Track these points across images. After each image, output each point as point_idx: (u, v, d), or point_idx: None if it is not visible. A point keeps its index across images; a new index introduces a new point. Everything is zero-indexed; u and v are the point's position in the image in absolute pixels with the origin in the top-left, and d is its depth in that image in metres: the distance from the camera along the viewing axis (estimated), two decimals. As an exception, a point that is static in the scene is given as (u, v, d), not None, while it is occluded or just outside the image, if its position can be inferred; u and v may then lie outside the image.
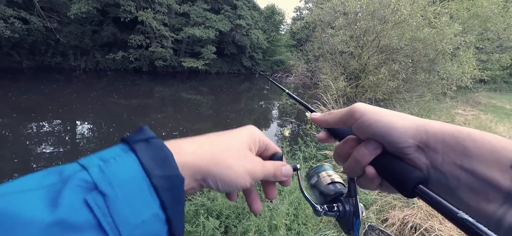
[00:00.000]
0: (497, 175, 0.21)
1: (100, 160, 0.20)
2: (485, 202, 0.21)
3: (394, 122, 0.27)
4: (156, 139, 0.23)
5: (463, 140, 0.23)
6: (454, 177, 0.23)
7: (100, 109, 7.79)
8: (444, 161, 0.24)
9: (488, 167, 0.21)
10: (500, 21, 6.94)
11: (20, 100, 7.47)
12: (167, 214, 0.20)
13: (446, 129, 0.25)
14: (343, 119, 0.31)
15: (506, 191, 0.20)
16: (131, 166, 0.20)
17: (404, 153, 0.26)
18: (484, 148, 0.22)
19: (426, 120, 0.27)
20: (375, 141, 0.28)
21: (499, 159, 0.21)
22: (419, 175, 0.24)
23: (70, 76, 12.91)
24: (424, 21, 5.61)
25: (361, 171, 0.30)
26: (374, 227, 1.42)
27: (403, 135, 0.26)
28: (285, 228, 1.88)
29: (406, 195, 0.25)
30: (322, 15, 7.66)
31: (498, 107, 11.18)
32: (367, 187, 0.31)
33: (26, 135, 5.23)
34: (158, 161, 0.21)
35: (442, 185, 0.24)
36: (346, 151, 0.32)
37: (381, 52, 6.55)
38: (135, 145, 0.22)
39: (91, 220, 0.17)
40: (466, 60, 6.19)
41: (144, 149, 0.21)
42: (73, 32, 14.04)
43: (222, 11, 19.17)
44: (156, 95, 10.93)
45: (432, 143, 0.25)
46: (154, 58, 16.25)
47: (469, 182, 0.22)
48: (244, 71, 23.52)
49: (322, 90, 6.57)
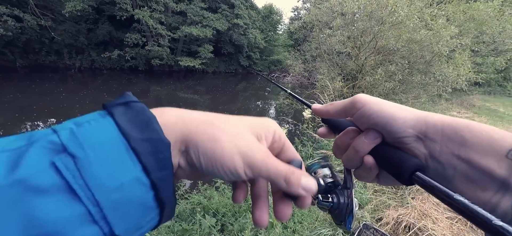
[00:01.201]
0: (492, 163, 0.21)
1: (74, 124, 0.18)
2: (480, 190, 0.22)
3: (395, 112, 0.27)
4: (137, 103, 0.21)
5: (461, 130, 0.23)
6: (451, 166, 0.24)
7: (95, 108, 7.64)
8: (442, 151, 0.24)
9: (484, 156, 0.22)
10: (495, 24, 7.05)
11: (14, 99, 7.34)
12: (151, 178, 0.18)
13: (446, 120, 0.25)
14: (346, 109, 0.31)
15: (501, 179, 0.21)
16: (106, 128, 0.18)
17: (404, 142, 0.26)
18: (481, 138, 0.22)
19: (427, 112, 0.27)
20: (375, 131, 0.28)
21: (495, 148, 0.21)
22: (416, 162, 0.25)
23: (65, 75, 12.75)
24: (421, 23, 5.66)
25: (360, 161, 0.30)
26: (368, 226, 1.42)
27: (403, 125, 0.26)
28: (281, 226, 1.88)
29: (403, 182, 0.25)
30: (320, 15, 7.68)
31: (491, 110, 11.35)
32: (365, 178, 0.31)
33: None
34: (139, 123, 0.19)
35: (439, 175, 0.24)
36: (346, 142, 0.32)
37: (378, 53, 6.59)
38: (113, 108, 0.20)
39: (59, 182, 0.16)
40: (462, 63, 6.27)
41: (123, 112, 0.20)
42: (68, 31, 13.86)
43: (220, 10, 19.13)
44: (153, 94, 10.86)
45: (431, 133, 0.25)
46: (151, 57, 16.14)
47: (465, 171, 0.23)
48: (241, 70, 23.51)
49: (319, 90, 6.59)
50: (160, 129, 0.20)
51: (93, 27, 15.08)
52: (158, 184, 0.19)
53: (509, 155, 0.21)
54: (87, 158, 0.17)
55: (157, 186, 0.19)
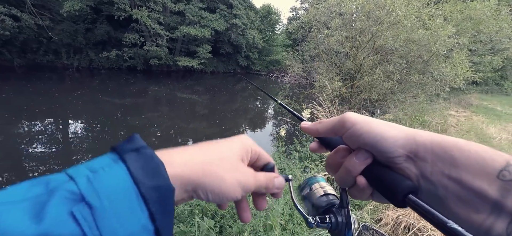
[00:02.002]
0: (484, 184, 0.21)
1: (89, 170, 0.19)
2: (474, 212, 0.21)
3: (384, 132, 0.27)
4: (146, 149, 0.22)
5: (450, 149, 0.23)
6: (443, 186, 0.23)
7: (93, 108, 7.66)
8: (433, 170, 0.24)
9: (475, 177, 0.21)
10: (492, 24, 7.09)
11: (11, 99, 7.29)
12: (156, 225, 0.20)
13: (434, 138, 0.25)
14: (334, 128, 0.31)
15: (494, 200, 0.20)
16: (120, 176, 0.20)
17: (394, 162, 0.26)
18: (470, 158, 0.22)
19: (416, 130, 0.26)
20: (365, 151, 0.28)
21: (486, 168, 0.21)
22: (409, 184, 0.24)
23: (63, 75, 12.68)
24: (419, 22, 5.68)
25: (353, 181, 0.30)
26: (368, 226, 1.42)
27: (393, 144, 0.26)
28: (280, 228, 1.88)
29: (396, 205, 0.25)
30: (318, 16, 7.69)
31: (489, 108, 11.42)
32: (359, 197, 0.31)
33: (17, 134, 5.11)
34: (148, 170, 0.21)
35: (431, 195, 0.24)
36: (337, 160, 0.32)
37: (376, 53, 6.61)
38: (125, 154, 0.21)
39: (77, 232, 0.16)
40: (459, 62, 6.29)
41: (134, 159, 0.21)
42: (65, 30, 13.78)
43: (218, 10, 19.10)
44: (151, 94, 10.82)
45: (421, 153, 0.25)
46: (149, 57, 16.09)
47: (457, 192, 0.22)
48: (239, 70, 23.49)
49: (318, 90, 6.60)
50: (167, 175, 0.22)
51: (91, 27, 15.01)
52: (161, 229, 0.20)
53: (500, 175, 0.21)
54: (103, 208, 0.18)
55: (160, 231, 0.20)
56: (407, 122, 5.83)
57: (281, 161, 3.35)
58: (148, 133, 6.14)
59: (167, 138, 6.04)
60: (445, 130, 6.22)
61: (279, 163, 3.33)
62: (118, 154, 0.21)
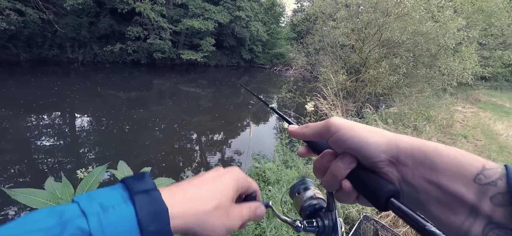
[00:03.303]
0: (462, 188, 0.22)
1: (100, 207, 0.21)
2: (453, 215, 0.22)
3: (368, 137, 0.27)
4: (155, 191, 0.24)
5: (430, 154, 0.24)
6: (423, 190, 0.24)
7: (99, 102, 7.74)
8: (414, 175, 0.25)
9: (453, 181, 0.22)
10: (505, 16, 6.85)
11: (18, 93, 7.41)
12: None
13: (415, 143, 0.26)
14: (320, 133, 0.31)
15: (471, 204, 0.21)
16: (127, 217, 0.21)
17: (378, 167, 0.27)
18: (449, 162, 0.23)
19: (398, 135, 0.27)
20: (350, 155, 0.29)
21: (464, 173, 0.22)
22: (391, 188, 0.25)
23: (68, 69, 12.80)
24: (427, 14, 5.53)
25: (338, 185, 0.31)
26: (369, 217, 1.43)
27: (376, 149, 0.27)
28: (282, 215, 1.89)
29: (379, 208, 0.26)
30: (324, 7, 7.55)
31: (497, 105, 11.18)
32: (345, 200, 0.32)
33: (25, 127, 5.21)
34: (154, 215, 0.23)
35: (413, 198, 0.25)
36: (323, 164, 0.33)
37: (383, 46, 6.48)
38: (135, 195, 0.23)
39: None
40: (468, 56, 6.14)
41: (143, 201, 0.23)
42: (69, 24, 13.82)
43: (221, 2, 18.88)
44: (155, 87, 10.87)
45: (402, 157, 0.26)
46: (152, 50, 16.08)
47: (437, 196, 0.23)
48: (243, 64, 23.36)
49: (322, 84, 6.54)
50: (169, 221, 0.24)
51: (94, 21, 15.01)
52: None
53: (476, 179, 0.21)
54: None
55: None
56: (412, 116, 5.75)
57: (284, 153, 3.36)
58: (152, 125, 6.20)
59: (171, 131, 6.10)
60: (451, 125, 6.12)
61: (282, 155, 3.34)
62: (128, 191, 0.23)
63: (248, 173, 2.88)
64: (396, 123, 5.27)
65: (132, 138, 5.33)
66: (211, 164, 4.62)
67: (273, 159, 3.22)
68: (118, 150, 4.66)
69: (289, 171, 2.71)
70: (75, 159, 4.20)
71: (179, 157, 4.76)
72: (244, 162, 4.41)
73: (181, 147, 5.27)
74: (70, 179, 1.09)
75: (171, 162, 4.49)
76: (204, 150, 5.27)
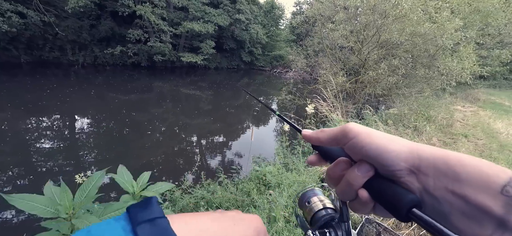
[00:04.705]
0: (488, 200, 0.21)
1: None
2: (478, 227, 0.21)
3: (387, 145, 0.27)
4: (162, 219, 0.22)
5: (453, 165, 0.23)
6: (446, 202, 0.23)
7: (99, 104, 7.77)
8: (436, 185, 0.24)
9: (479, 193, 0.21)
10: (501, 16, 6.91)
11: (19, 95, 7.43)
12: None
13: (437, 153, 0.25)
14: (337, 138, 0.30)
15: (498, 217, 0.20)
16: None
17: (397, 176, 0.26)
18: (474, 173, 0.22)
19: (419, 144, 0.26)
20: (367, 163, 0.28)
21: (490, 184, 0.21)
22: (413, 198, 0.24)
23: (69, 71, 12.84)
24: (425, 15, 5.57)
25: (354, 194, 0.29)
26: (371, 220, 1.43)
27: (396, 158, 0.26)
28: (283, 220, 1.91)
29: (400, 219, 0.25)
30: (322, 9, 7.60)
31: (497, 104, 11.19)
32: (360, 210, 0.30)
33: (25, 129, 5.23)
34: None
35: (435, 210, 0.24)
36: (338, 173, 0.31)
37: (381, 47, 6.52)
38: (138, 226, 0.20)
39: None
40: (466, 56, 6.17)
41: (146, 233, 0.20)
42: (70, 27, 13.90)
43: (221, 5, 18.98)
44: (155, 90, 10.90)
45: (423, 167, 0.25)
46: (153, 53, 16.15)
47: (461, 208, 0.22)
48: (243, 66, 23.41)
49: (322, 85, 6.56)
50: None
51: (95, 23, 15.10)
52: None
53: (503, 191, 0.20)
54: None
55: None
56: (412, 116, 5.77)
57: (285, 155, 3.36)
58: (153, 128, 6.21)
59: (172, 133, 6.11)
60: (451, 124, 6.14)
61: (283, 158, 3.35)
62: (131, 223, 0.21)
63: (249, 176, 2.89)
64: (396, 124, 5.28)
65: (132, 140, 5.34)
66: (211, 167, 4.62)
67: (273, 162, 3.23)
68: (118, 153, 4.66)
69: (289, 174, 2.72)
70: (75, 162, 4.19)
71: (180, 160, 4.76)
72: (245, 165, 4.41)
73: (181, 149, 5.28)
74: (69, 182, 1.09)
75: (172, 165, 4.49)
76: (205, 152, 5.27)
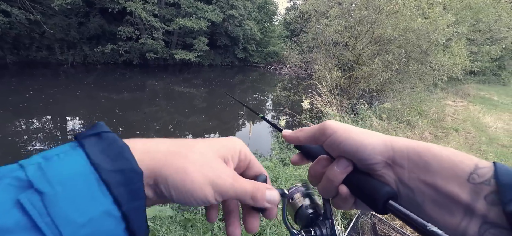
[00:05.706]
0: (456, 188, 0.22)
1: (42, 158, 0.18)
2: (449, 215, 0.22)
3: (364, 139, 0.27)
4: (109, 133, 0.21)
5: (424, 155, 0.24)
6: (420, 192, 0.24)
7: (90, 104, 7.58)
8: (410, 176, 0.25)
9: (448, 182, 0.22)
10: (491, 12, 7.06)
11: (6, 96, 7.17)
12: (122, 211, 0.18)
13: (410, 144, 0.25)
14: (315, 136, 0.30)
15: (466, 204, 0.21)
16: (77, 161, 0.18)
17: (374, 169, 0.27)
18: (443, 163, 0.23)
19: (393, 137, 0.27)
20: (346, 159, 0.28)
21: (457, 172, 0.22)
22: (388, 191, 0.25)
23: (58, 71, 12.48)
24: (418, 11, 5.63)
25: (335, 191, 0.30)
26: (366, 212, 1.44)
27: (372, 151, 0.26)
28: (280, 214, 1.89)
29: (378, 212, 0.26)
30: (317, 5, 7.58)
31: (486, 99, 11.51)
32: (342, 206, 0.30)
33: (14, 132, 5.06)
34: (110, 154, 0.19)
35: (410, 200, 0.25)
36: (319, 171, 0.32)
37: (375, 42, 6.57)
38: (84, 140, 0.20)
39: (24, 221, 0.15)
40: (458, 52, 6.29)
41: (94, 143, 0.20)
42: (58, 25, 13.45)
43: (214, 1, 18.73)
44: (148, 88, 10.72)
45: (398, 159, 0.26)
46: (145, 50, 15.84)
47: (433, 197, 0.23)
48: (237, 63, 23.28)
49: (317, 81, 6.58)
50: (133, 158, 0.20)
51: (84, 21, 14.64)
52: (129, 215, 0.19)
53: (470, 179, 0.21)
54: (55, 194, 0.16)
55: (128, 217, 0.19)
56: (405, 111, 5.86)
57: (281, 150, 3.36)
58: (146, 127, 6.11)
59: (166, 132, 6.03)
60: (442, 119, 6.27)
61: (279, 153, 3.35)
62: (77, 140, 0.20)
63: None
64: (390, 118, 5.36)
65: (126, 140, 5.24)
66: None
67: (270, 157, 3.23)
68: (111, 153, 4.57)
69: (286, 169, 2.73)
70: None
71: (175, 158, 4.70)
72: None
73: (176, 147, 5.21)
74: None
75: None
76: (200, 150, 5.22)
